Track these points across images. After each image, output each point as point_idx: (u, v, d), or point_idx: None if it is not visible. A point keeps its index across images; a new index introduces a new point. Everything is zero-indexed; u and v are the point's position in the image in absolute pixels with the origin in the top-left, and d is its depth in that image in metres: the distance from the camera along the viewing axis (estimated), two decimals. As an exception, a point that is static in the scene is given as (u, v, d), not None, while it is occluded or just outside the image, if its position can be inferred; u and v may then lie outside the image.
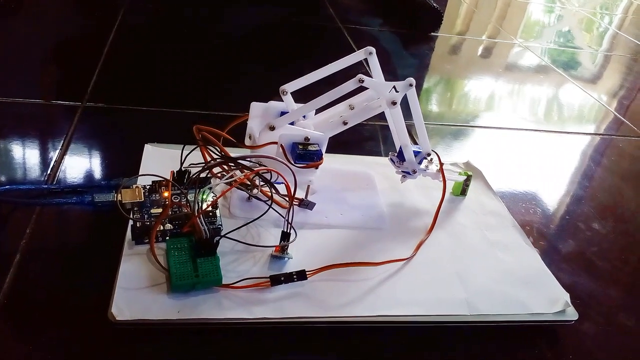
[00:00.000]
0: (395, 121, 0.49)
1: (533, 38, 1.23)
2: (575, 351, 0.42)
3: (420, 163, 0.52)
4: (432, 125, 0.74)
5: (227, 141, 0.46)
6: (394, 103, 0.46)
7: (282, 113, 0.47)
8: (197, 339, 0.37)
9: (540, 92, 0.93)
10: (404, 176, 0.52)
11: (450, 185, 0.55)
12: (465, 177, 0.55)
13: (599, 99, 0.93)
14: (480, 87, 0.91)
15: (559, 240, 0.55)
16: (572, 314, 0.43)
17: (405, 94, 0.47)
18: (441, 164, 0.52)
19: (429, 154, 0.52)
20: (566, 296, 0.45)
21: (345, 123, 0.46)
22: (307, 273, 0.41)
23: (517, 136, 0.76)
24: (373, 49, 0.48)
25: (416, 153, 0.51)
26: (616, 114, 0.89)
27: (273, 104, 0.47)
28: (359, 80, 0.45)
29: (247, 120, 0.48)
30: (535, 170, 0.67)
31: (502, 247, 0.50)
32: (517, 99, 0.89)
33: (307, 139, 0.45)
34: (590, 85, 1.00)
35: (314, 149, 0.45)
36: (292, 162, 0.44)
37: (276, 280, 0.40)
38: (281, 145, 0.44)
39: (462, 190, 0.56)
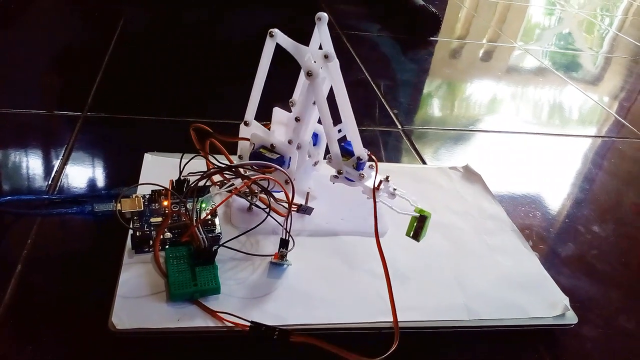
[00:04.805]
0: (316, 99, 0.40)
1: (533, 41, 1.23)
2: (575, 355, 0.42)
3: (359, 169, 0.42)
4: (433, 130, 0.74)
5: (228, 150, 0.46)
6: (309, 74, 0.38)
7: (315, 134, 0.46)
8: (197, 347, 0.37)
9: (541, 95, 0.93)
10: (335, 177, 0.43)
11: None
12: (419, 215, 0.41)
13: (599, 102, 0.93)
14: (481, 91, 0.91)
15: (559, 244, 0.54)
16: (571, 318, 0.43)
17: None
18: (380, 182, 0.41)
19: (359, 158, 0.40)
20: (566, 300, 0.45)
21: (297, 119, 0.41)
22: (290, 336, 0.37)
23: (517, 139, 0.76)
24: (324, 15, 0.41)
25: (347, 149, 0.42)
26: (617, 116, 0.89)
27: (277, 109, 0.47)
28: (269, 35, 0.38)
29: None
30: (535, 174, 0.67)
31: (502, 251, 0.50)
32: (518, 102, 0.89)
33: (272, 146, 0.44)
34: (590, 87, 1.00)
35: (271, 156, 0.45)
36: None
37: (256, 329, 0.37)
38: (253, 143, 0.44)
39: (415, 232, 0.41)
